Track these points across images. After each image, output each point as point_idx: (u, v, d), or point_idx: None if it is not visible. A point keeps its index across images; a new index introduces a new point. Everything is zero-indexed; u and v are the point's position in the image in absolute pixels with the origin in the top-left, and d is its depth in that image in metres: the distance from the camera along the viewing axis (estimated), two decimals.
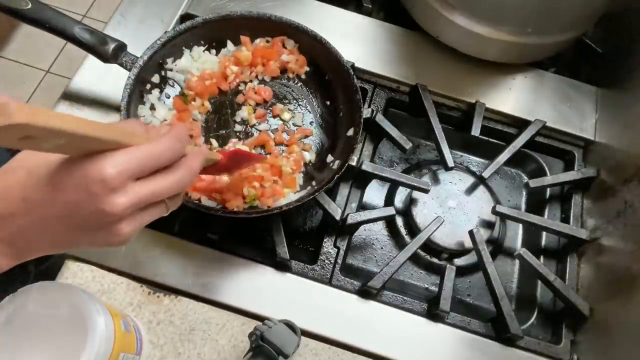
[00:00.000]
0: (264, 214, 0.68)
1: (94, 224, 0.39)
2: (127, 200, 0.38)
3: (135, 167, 0.38)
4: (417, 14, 0.90)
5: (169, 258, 0.71)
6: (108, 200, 0.37)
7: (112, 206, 0.37)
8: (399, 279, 0.79)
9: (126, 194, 0.38)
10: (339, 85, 0.78)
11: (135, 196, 0.39)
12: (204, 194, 0.69)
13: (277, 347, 0.56)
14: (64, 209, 0.38)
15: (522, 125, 0.86)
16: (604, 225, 0.77)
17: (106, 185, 0.37)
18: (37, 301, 0.50)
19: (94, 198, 0.37)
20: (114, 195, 0.37)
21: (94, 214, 0.38)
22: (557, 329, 0.75)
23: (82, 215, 0.38)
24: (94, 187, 0.37)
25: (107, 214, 0.38)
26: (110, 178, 0.36)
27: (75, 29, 0.68)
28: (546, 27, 0.81)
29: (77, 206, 0.38)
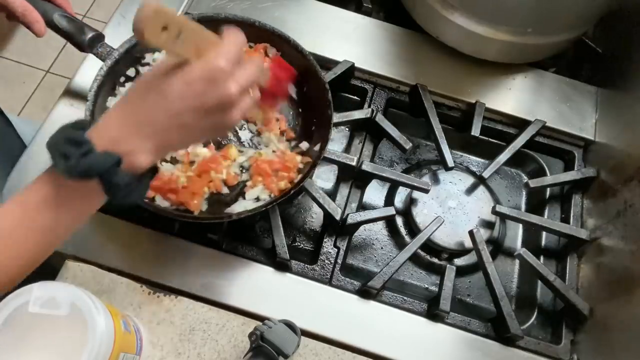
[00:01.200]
0: (215, 220, 0.68)
1: (218, 109, 0.48)
2: (237, 84, 0.47)
3: (234, 57, 0.47)
4: (417, 14, 0.90)
5: (169, 258, 0.71)
6: (227, 86, 0.47)
7: (230, 90, 0.47)
8: (399, 279, 0.79)
9: (235, 80, 0.47)
10: (313, 97, 0.77)
11: (240, 80, 0.48)
12: (159, 193, 0.69)
13: (277, 347, 0.56)
14: (196, 99, 0.46)
15: (522, 125, 0.86)
16: (604, 225, 0.77)
17: (224, 73, 0.46)
18: (37, 301, 0.50)
19: (216, 84, 0.46)
20: (230, 81, 0.47)
21: (219, 98, 0.47)
22: (557, 329, 0.75)
23: (210, 102, 0.47)
24: (217, 76, 0.46)
25: (229, 97, 0.47)
26: (225, 67, 0.46)
27: (54, 16, 0.68)
28: (546, 27, 0.81)
29: (206, 94, 0.46)
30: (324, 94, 0.73)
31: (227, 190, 0.72)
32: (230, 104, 0.48)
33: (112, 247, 0.71)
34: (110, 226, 0.72)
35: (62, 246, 0.69)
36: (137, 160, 0.47)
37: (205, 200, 0.71)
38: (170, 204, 0.68)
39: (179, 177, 0.69)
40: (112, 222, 0.73)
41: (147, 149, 0.47)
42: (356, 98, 0.90)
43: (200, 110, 0.47)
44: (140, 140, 0.46)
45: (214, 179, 0.71)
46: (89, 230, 0.72)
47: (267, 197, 0.70)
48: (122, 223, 0.73)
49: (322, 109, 0.74)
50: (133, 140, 0.46)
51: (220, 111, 0.48)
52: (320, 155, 0.70)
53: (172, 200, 0.68)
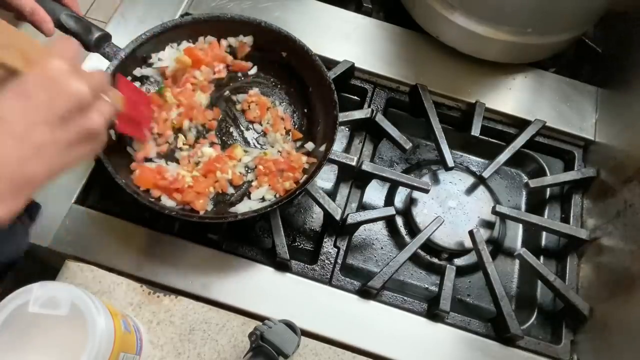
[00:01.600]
0: (220, 220, 0.68)
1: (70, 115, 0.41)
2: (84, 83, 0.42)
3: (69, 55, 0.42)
4: (417, 14, 0.90)
5: (169, 258, 0.71)
6: (72, 85, 0.41)
7: (77, 88, 0.41)
8: (399, 279, 0.79)
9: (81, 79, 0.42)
10: (319, 97, 0.77)
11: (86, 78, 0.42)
12: (165, 193, 0.69)
13: (277, 347, 0.56)
14: (41, 110, 0.40)
15: (522, 125, 0.86)
16: (604, 225, 0.77)
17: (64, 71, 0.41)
18: (37, 301, 0.50)
19: (61, 87, 0.40)
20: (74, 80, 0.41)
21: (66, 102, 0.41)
22: (557, 329, 0.75)
23: (58, 108, 0.41)
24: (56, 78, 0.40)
25: (77, 97, 0.41)
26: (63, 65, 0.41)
27: (62, 15, 0.68)
28: (546, 27, 0.81)
29: (50, 101, 0.40)
30: (330, 94, 0.73)
31: (232, 190, 0.72)
32: (83, 104, 0.42)
33: (112, 247, 0.71)
34: (110, 226, 0.72)
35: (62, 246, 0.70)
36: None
37: (211, 200, 0.71)
38: (176, 204, 0.68)
39: (184, 177, 0.70)
40: (112, 222, 0.73)
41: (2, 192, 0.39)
42: (356, 98, 0.90)
43: (52, 122, 0.40)
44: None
45: (219, 179, 0.71)
46: (89, 230, 0.72)
47: (272, 198, 0.70)
48: (122, 223, 0.73)
49: (327, 109, 0.74)
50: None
51: (76, 117, 0.42)
52: (325, 156, 0.70)
53: (178, 200, 0.68)
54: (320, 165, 0.69)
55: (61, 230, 0.71)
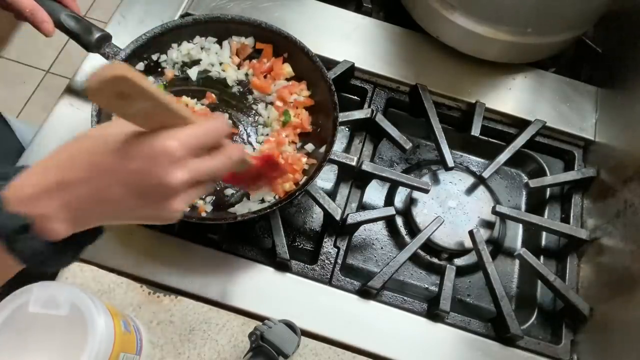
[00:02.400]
0: (220, 221, 0.68)
1: (153, 195, 0.41)
2: (186, 174, 0.41)
3: (195, 143, 0.41)
4: (417, 14, 0.90)
5: (169, 258, 0.71)
6: (170, 172, 0.40)
7: (173, 178, 0.40)
8: (399, 279, 0.79)
9: (185, 169, 0.41)
10: (319, 99, 0.77)
11: (192, 171, 0.42)
12: None
13: (277, 347, 0.56)
14: (129, 177, 0.40)
15: (522, 125, 0.86)
16: (604, 225, 0.77)
17: (171, 157, 0.40)
18: (37, 301, 0.50)
19: (159, 168, 0.40)
20: (176, 168, 0.40)
21: (155, 184, 0.40)
22: (557, 329, 0.75)
23: (145, 184, 0.41)
24: (160, 158, 0.40)
25: (167, 185, 0.40)
26: (174, 151, 0.40)
27: (62, 15, 0.68)
28: (546, 27, 0.81)
29: (141, 174, 0.40)
30: (330, 96, 0.73)
31: (232, 191, 0.72)
32: (168, 193, 0.41)
33: (112, 247, 0.71)
34: (110, 226, 0.72)
35: None
36: (50, 227, 0.40)
37: (211, 201, 0.71)
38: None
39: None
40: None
41: (64, 217, 0.41)
42: (356, 98, 0.90)
43: (130, 191, 0.41)
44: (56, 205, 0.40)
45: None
46: None
47: (272, 199, 0.70)
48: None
49: (327, 111, 0.74)
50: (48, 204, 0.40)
51: (156, 198, 0.42)
52: (326, 157, 0.70)
53: None
54: (321, 166, 0.69)
55: None
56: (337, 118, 0.72)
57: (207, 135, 0.42)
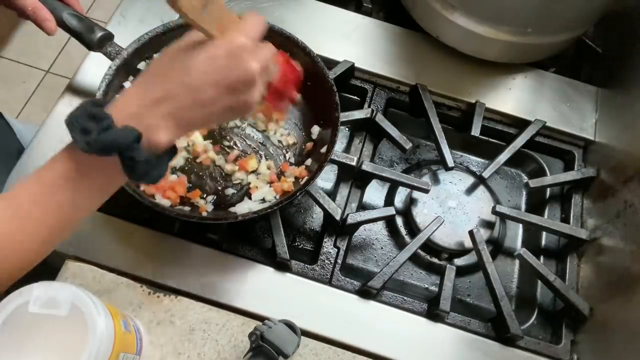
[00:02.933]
0: (220, 221, 0.68)
1: (241, 85, 0.48)
2: (259, 62, 0.48)
3: (254, 36, 0.48)
4: (417, 14, 0.90)
5: (169, 258, 0.71)
6: (250, 62, 0.47)
7: (253, 66, 0.47)
8: (399, 279, 0.79)
9: (257, 57, 0.48)
10: (320, 99, 0.77)
11: (261, 59, 0.48)
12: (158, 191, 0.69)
13: (277, 347, 0.56)
14: (219, 75, 0.46)
15: (522, 125, 0.86)
16: (604, 225, 0.77)
17: (246, 50, 0.47)
18: (37, 301, 0.50)
19: (241, 61, 0.47)
20: (252, 58, 0.47)
21: (242, 74, 0.47)
22: (557, 329, 0.75)
23: (233, 77, 0.47)
24: (239, 52, 0.46)
25: (251, 73, 0.47)
26: (247, 44, 0.47)
27: (64, 14, 0.68)
28: (546, 27, 0.81)
29: (228, 70, 0.47)
30: (332, 96, 0.73)
31: (232, 191, 0.72)
32: (251, 81, 0.48)
33: (112, 247, 0.71)
34: (110, 226, 0.72)
35: (62, 246, 0.70)
36: (156, 137, 0.46)
37: (211, 201, 0.71)
38: (172, 204, 0.69)
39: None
40: (112, 222, 0.73)
41: (167, 125, 0.46)
42: (356, 98, 0.90)
43: (222, 86, 0.47)
44: (160, 116, 0.46)
45: None
46: (89, 230, 0.72)
47: (272, 199, 0.70)
48: (122, 223, 0.73)
49: (329, 111, 0.74)
50: (153, 116, 0.46)
51: (241, 88, 0.48)
52: (327, 158, 0.70)
53: (173, 199, 0.69)
54: (322, 166, 0.69)
55: None
56: (339, 118, 0.72)
57: (259, 28, 0.50)
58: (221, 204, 0.71)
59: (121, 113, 0.45)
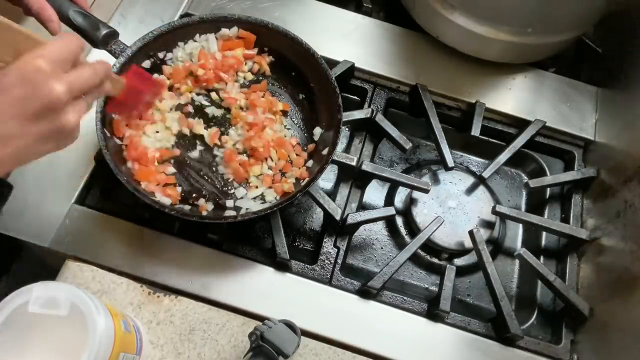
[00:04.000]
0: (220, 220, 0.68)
1: (45, 113, 0.44)
2: (64, 85, 0.44)
3: (58, 57, 0.44)
4: (417, 14, 0.90)
5: (169, 258, 0.71)
6: (50, 86, 0.43)
7: (54, 91, 0.43)
8: (399, 279, 0.79)
9: (61, 80, 0.44)
10: (322, 100, 0.78)
11: (68, 82, 0.44)
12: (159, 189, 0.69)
13: (277, 347, 0.56)
14: (14, 105, 0.42)
15: (522, 125, 0.86)
16: (604, 225, 0.77)
17: (44, 73, 0.43)
18: (37, 301, 0.50)
19: (38, 87, 0.43)
20: (53, 82, 0.43)
21: (43, 101, 0.43)
22: (557, 329, 0.75)
23: (34, 106, 0.43)
24: (35, 77, 0.43)
25: (53, 98, 0.43)
26: (44, 66, 0.43)
27: (70, 12, 0.68)
28: (546, 27, 0.81)
29: (26, 98, 0.43)
30: (335, 98, 0.73)
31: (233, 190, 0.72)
32: (56, 106, 0.44)
33: (112, 247, 0.71)
34: (110, 226, 0.72)
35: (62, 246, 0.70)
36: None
37: (211, 200, 0.71)
38: (172, 203, 0.69)
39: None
40: (112, 222, 0.73)
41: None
42: (356, 98, 0.90)
43: (24, 118, 0.43)
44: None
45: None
46: (89, 230, 0.72)
47: (273, 199, 0.70)
48: (122, 223, 0.73)
49: (331, 112, 0.74)
50: None
51: (49, 115, 0.44)
52: (328, 159, 0.70)
53: (173, 197, 0.69)
54: (323, 167, 0.69)
55: (61, 230, 0.71)
56: (341, 120, 0.72)
57: (66, 49, 0.45)
58: (221, 203, 0.71)
59: None
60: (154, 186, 0.69)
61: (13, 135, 0.43)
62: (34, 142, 0.45)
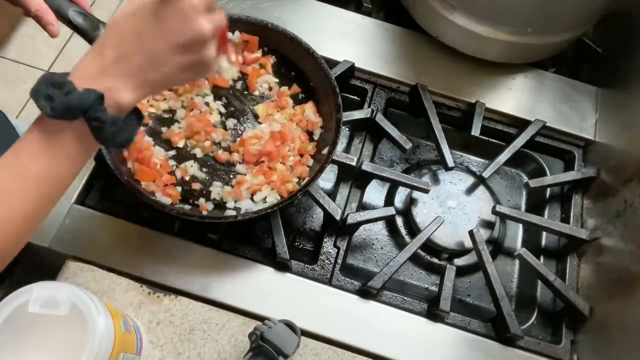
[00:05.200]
0: (221, 220, 0.68)
1: (194, 45, 0.49)
2: (210, 22, 0.49)
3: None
4: (417, 14, 0.90)
5: (169, 258, 0.71)
6: (201, 22, 0.48)
7: (204, 26, 0.48)
8: (399, 279, 0.79)
9: (208, 18, 0.49)
10: (322, 100, 0.77)
11: (212, 20, 0.49)
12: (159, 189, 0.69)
13: (277, 347, 0.56)
14: (171, 35, 0.48)
15: (522, 125, 0.86)
16: (604, 225, 0.77)
17: (197, 10, 0.47)
18: (37, 301, 0.50)
19: (191, 21, 0.48)
20: (203, 19, 0.48)
21: (194, 34, 0.48)
22: (557, 329, 0.75)
23: (185, 37, 0.48)
24: (189, 13, 0.47)
25: (203, 33, 0.48)
26: (198, 4, 0.48)
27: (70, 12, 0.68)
28: (546, 27, 0.81)
29: (180, 30, 0.48)
30: (335, 98, 0.73)
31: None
32: (204, 40, 0.49)
33: (112, 247, 0.71)
34: (110, 226, 0.72)
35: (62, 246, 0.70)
36: (118, 96, 0.47)
37: (211, 200, 0.71)
38: (172, 202, 0.69)
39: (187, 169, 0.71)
40: (112, 222, 0.73)
41: (127, 85, 0.48)
42: (356, 98, 0.90)
43: (175, 47, 0.48)
44: (119, 76, 0.47)
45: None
46: (89, 230, 0.72)
47: (273, 200, 0.70)
48: (122, 223, 0.73)
49: (331, 112, 0.74)
50: (112, 77, 0.47)
51: (195, 47, 0.49)
52: (328, 159, 0.70)
53: (173, 196, 0.69)
54: (323, 167, 0.69)
55: (61, 230, 0.71)
56: (341, 120, 0.72)
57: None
58: (221, 203, 0.71)
59: (81, 78, 0.46)
60: (154, 186, 0.69)
61: (163, 61, 0.48)
62: (177, 70, 0.50)
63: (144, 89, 0.49)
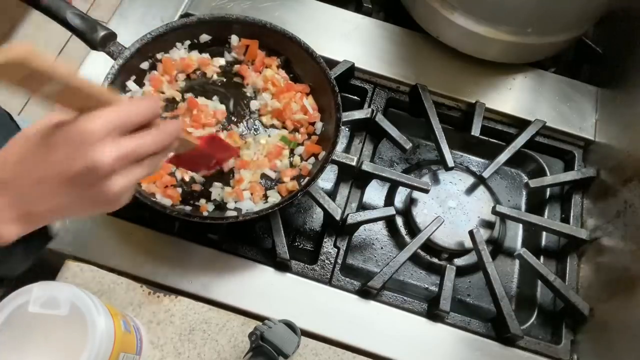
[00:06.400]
0: (222, 220, 0.68)
1: (83, 180, 0.41)
2: (114, 152, 0.40)
3: (118, 121, 0.40)
4: (417, 14, 0.90)
5: (169, 258, 0.71)
6: (96, 151, 0.39)
7: (100, 156, 0.39)
8: (399, 279, 0.79)
9: (112, 146, 0.40)
10: (322, 100, 0.77)
11: (120, 148, 0.41)
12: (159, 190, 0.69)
13: (277, 347, 0.56)
14: (57, 166, 0.40)
15: (522, 125, 0.86)
16: (604, 225, 0.77)
17: (93, 137, 0.39)
18: (37, 301, 0.50)
19: (83, 150, 0.39)
20: (102, 146, 0.40)
21: (81, 167, 0.40)
22: (557, 329, 0.75)
23: (74, 170, 0.40)
24: (79, 141, 0.39)
25: (97, 165, 0.40)
26: (96, 130, 0.39)
27: (67, 13, 0.68)
28: (546, 27, 0.81)
29: (68, 160, 0.40)
30: (334, 97, 0.73)
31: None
32: (99, 173, 0.40)
33: (112, 247, 0.71)
34: (110, 226, 0.72)
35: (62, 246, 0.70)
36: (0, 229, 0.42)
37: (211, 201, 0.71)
38: (173, 204, 0.69)
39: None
40: (112, 222, 0.73)
41: (10, 217, 0.42)
42: (356, 98, 0.90)
43: (61, 181, 0.41)
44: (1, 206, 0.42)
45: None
46: (89, 230, 0.72)
47: (274, 200, 0.70)
48: (122, 223, 0.73)
49: (330, 112, 0.74)
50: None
51: (88, 180, 0.41)
52: (328, 159, 0.70)
53: (174, 198, 0.69)
54: (323, 167, 0.69)
55: (61, 230, 0.71)
56: (340, 119, 0.72)
57: (132, 113, 0.42)
58: (221, 203, 0.71)
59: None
60: (155, 187, 0.69)
61: (51, 193, 0.42)
62: (72, 203, 0.43)
63: (31, 221, 0.43)
